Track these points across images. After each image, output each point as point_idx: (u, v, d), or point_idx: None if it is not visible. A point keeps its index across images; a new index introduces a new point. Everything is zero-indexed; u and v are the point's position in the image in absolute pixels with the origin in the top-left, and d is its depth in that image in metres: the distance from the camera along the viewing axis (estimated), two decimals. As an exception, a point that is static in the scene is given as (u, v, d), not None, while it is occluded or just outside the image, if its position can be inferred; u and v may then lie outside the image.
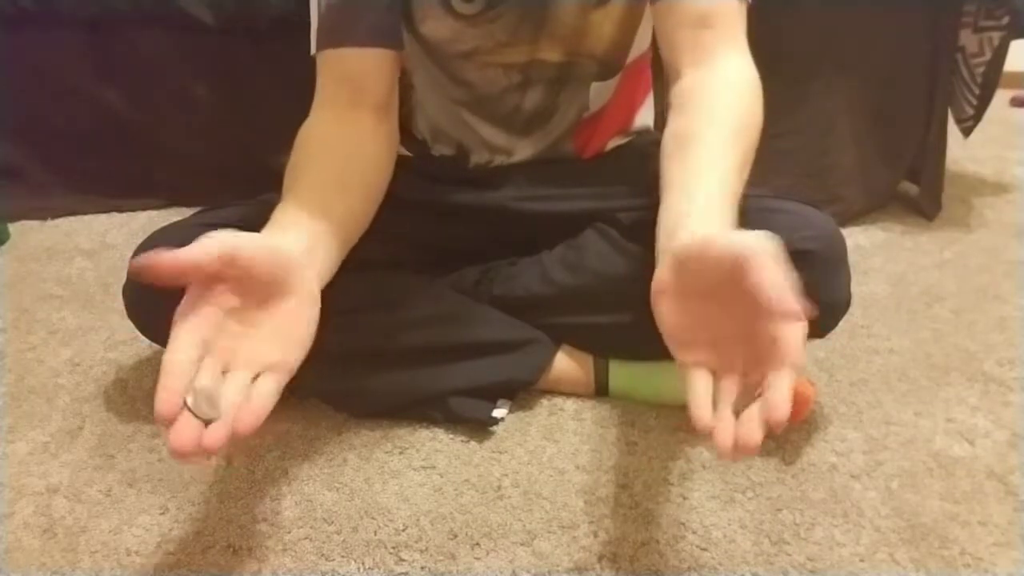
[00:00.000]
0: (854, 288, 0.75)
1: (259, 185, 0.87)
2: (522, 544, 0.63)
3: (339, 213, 0.65)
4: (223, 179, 1.35)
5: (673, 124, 0.67)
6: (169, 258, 0.50)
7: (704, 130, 0.63)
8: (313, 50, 0.72)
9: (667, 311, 0.54)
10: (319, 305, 0.58)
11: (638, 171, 0.72)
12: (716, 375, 0.52)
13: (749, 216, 0.71)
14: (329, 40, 0.70)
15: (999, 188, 1.50)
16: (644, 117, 0.87)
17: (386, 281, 0.78)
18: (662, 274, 0.55)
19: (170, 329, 0.74)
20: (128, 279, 0.76)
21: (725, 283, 0.49)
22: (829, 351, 0.91)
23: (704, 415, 0.49)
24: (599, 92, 0.81)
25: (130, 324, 0.77)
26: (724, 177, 0.59)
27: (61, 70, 1.31)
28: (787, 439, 0.75)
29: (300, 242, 0.59)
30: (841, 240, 0.72)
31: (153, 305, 0.75)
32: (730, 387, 0.51)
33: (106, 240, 1.28)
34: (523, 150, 0.84)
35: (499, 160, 0.84)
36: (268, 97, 1.32)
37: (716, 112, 0.64)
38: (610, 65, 0.80)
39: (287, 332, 0.55)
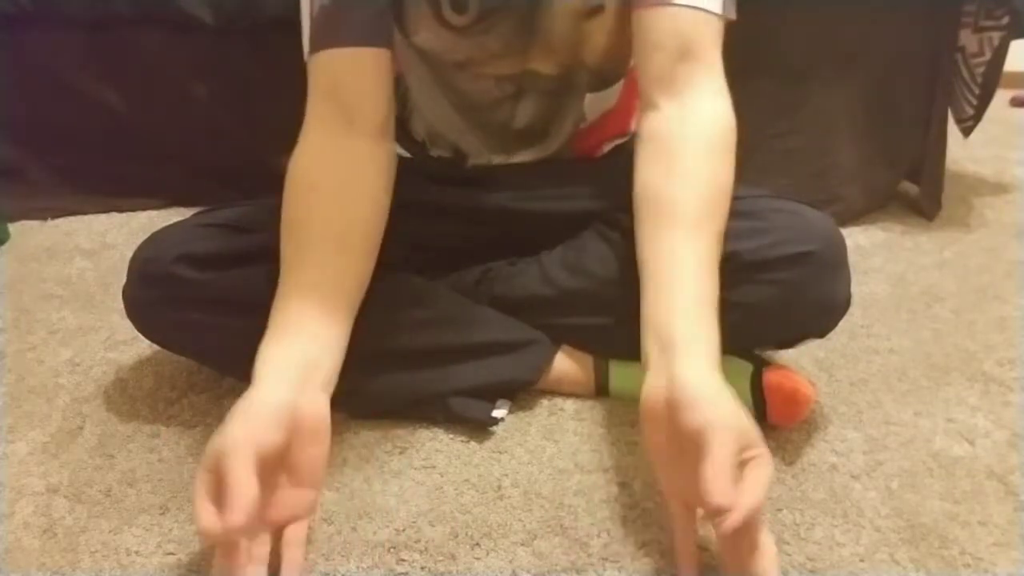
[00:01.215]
0: (854, 288, 0.75)
1: (259, 185, 0.87)
2: (522, 544, 0.63)
3: (343, 282, 0.67)
4: (223, 179, 1.36)
5: (648, 176, 0.67)
6: (233, 531, 0.52)
7: (681, 203, 0.64)
8: (306, 55, 0.71)
9: (651, 433, 0.60)
10: (328, 427, 0.61)
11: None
12: (691, 506, 0.59)
13: (749, 217, 0.72)
14: (320, 43, 0.69)
15: (999, 188, 1.50)
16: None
17: (386, 282, 0.78)
18: (651, 402, 0.59)
19: (170, 336, 0.75)
20: (128, 280, 0.76)
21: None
22: (829, 351, 0.91)
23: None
24: (595, 103, 0.81)
25: (130, 324, 0.78)
26: (702, 273, 0.62)
27: (61, 70, 1.32)
28: (787, 439, 0.75)
29: (303, 359, 0.61)
30: (841, 240, 0.72)
31: (153, 306, 0.75)
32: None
33: (106, 240, 1.28)
34: (521, 158, 0.84)
35: (498, 161, 0.84)
36: (268, 97, 1.32)
37: (693, 180, 0.65)
38: (606, 76, 0.79)
39: (299, 479, 0.60)
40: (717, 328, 0.60)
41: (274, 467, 0.58)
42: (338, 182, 0.68)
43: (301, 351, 0.62)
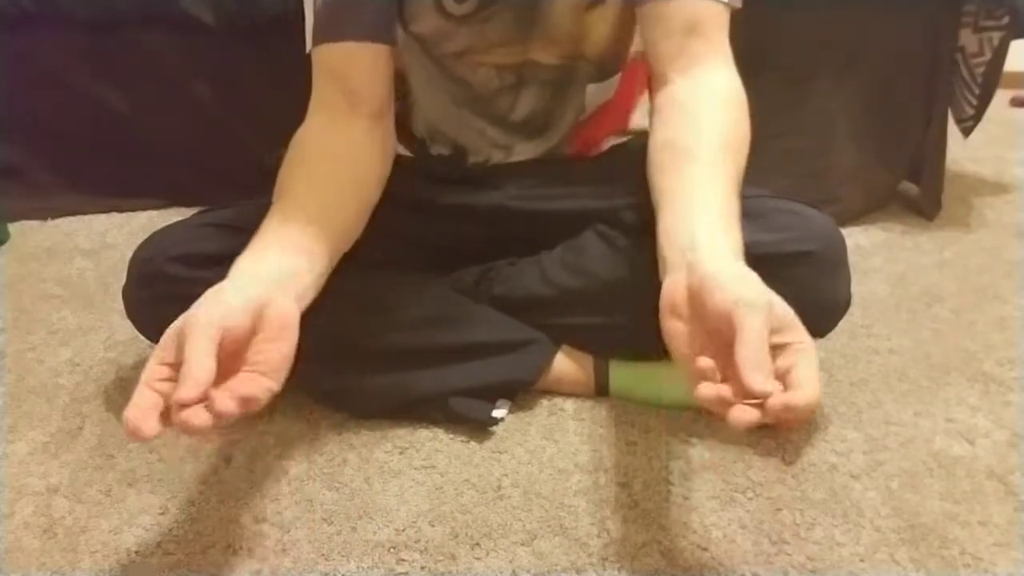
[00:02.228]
0: (854, 288, 0.75)
1: (259, 185, 0.87)
2: (522, 544, 0.64)
3: (328, 222, 0.66)
4: (223, 179, 1.36)
5: (663, 133, 0.67)
6: (188, 395, 0.50)
7: (698, 145, 0.64)
8: (309, 47, 0.72)
9: (673, 328, 0.55)
10: (296, 330, 0.58)
11: (638, 169, 0.72)
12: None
13: (749, 217, 0.72)
14: (324, 36, 0.71)
15: (999, 188, 1.50)
16: (640, 116, 0.87)
17: (387, 282, 0.78)
18: (670, 294, 0.55)
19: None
20: (128, 280, 0.76)
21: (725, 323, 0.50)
22: (829, 351, 0.91)
23: (710, 389, 0.48)
24: (595, 94, 0.81)
25: (130, 324, 0.78)
26: (724, 195, 0.60)
27: (62, 70, 1.32)
28: (787, 439, 0.75)
29: (279, 266, 0.61)
30: (841, 240, 0.72)
31: (154, 307, 0.75)
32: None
33: (106, 240, 1.28)
34: (521, 152, 0.84)
35: (497, 158, 0.84)
36: (268, 97, 1.32)
37: (709, 127, 0.65)
38: (607, 67, 0.80)
39: (264, 366, 0.56)
40: (741, 238, 0.58)
41: (234, 357, 0.55)
42: (333, 151, 0.70)
43: (276, 261, 0.61)
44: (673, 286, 0.55)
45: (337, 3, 0.70)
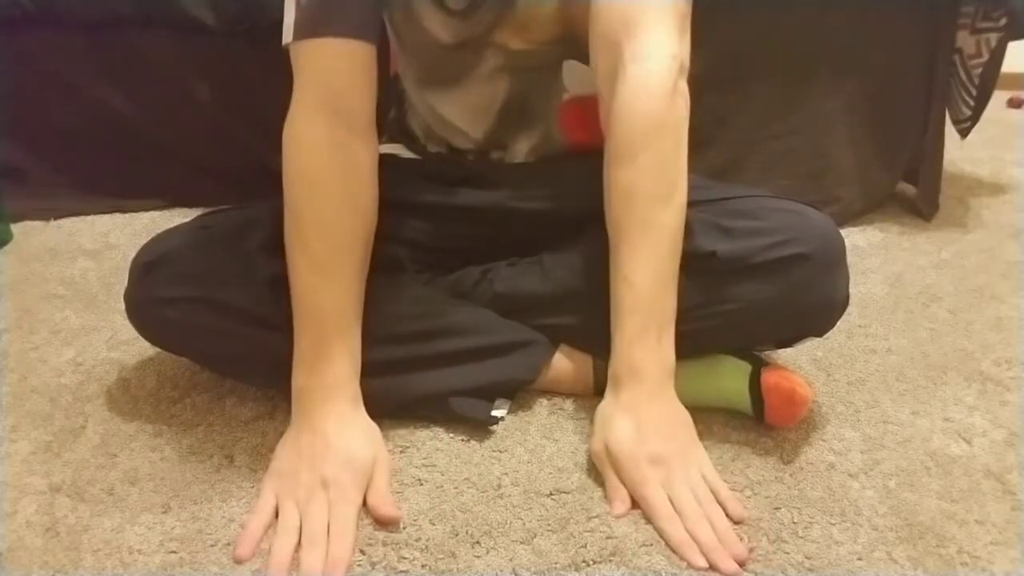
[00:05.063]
0: (852, 288, 0.75)
1: (260, 186, 0.88)
2: (522, 542, 0.64)
3: (360, 279, 0.72)
4: (225, 180, 1.36)
5: (604, 176, 0.72)
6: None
7: (623, 222, 0.69)
8: (288, 39, 0.71)
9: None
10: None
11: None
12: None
13: (749, 217, 0.72)
14: (309, 31, 0.69)
15: (996, 189, 1.50)
16: None
17: (387, 284, 0.78)
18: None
19: (171, 338, 0.79)
20: (129, 281, 0.76)
21: None
22: (827, 351, 0.91)
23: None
24: (583, 73, 0.81)
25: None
26: (652, 275, 0.68)
27: (64, 71, 1.32)
28: (785, 438, 0.76)
29: (351, 368, 0.71)
30: (840, 240, 0.73)
31: (154, 309, 0.76)
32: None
33: (109, 240, 1.29)
34: (515, 143, 0.84)
35: (497, 155, 0.85)
36: (269, 98, 1.32)
37: (632, 193, 0.68)
38: (584, 48, 0.79)
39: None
40: (658, 348, 0.68)
41: None
42: (346, 190, 0.70)
43: (353, 377, 0.72)
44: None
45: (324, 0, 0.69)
